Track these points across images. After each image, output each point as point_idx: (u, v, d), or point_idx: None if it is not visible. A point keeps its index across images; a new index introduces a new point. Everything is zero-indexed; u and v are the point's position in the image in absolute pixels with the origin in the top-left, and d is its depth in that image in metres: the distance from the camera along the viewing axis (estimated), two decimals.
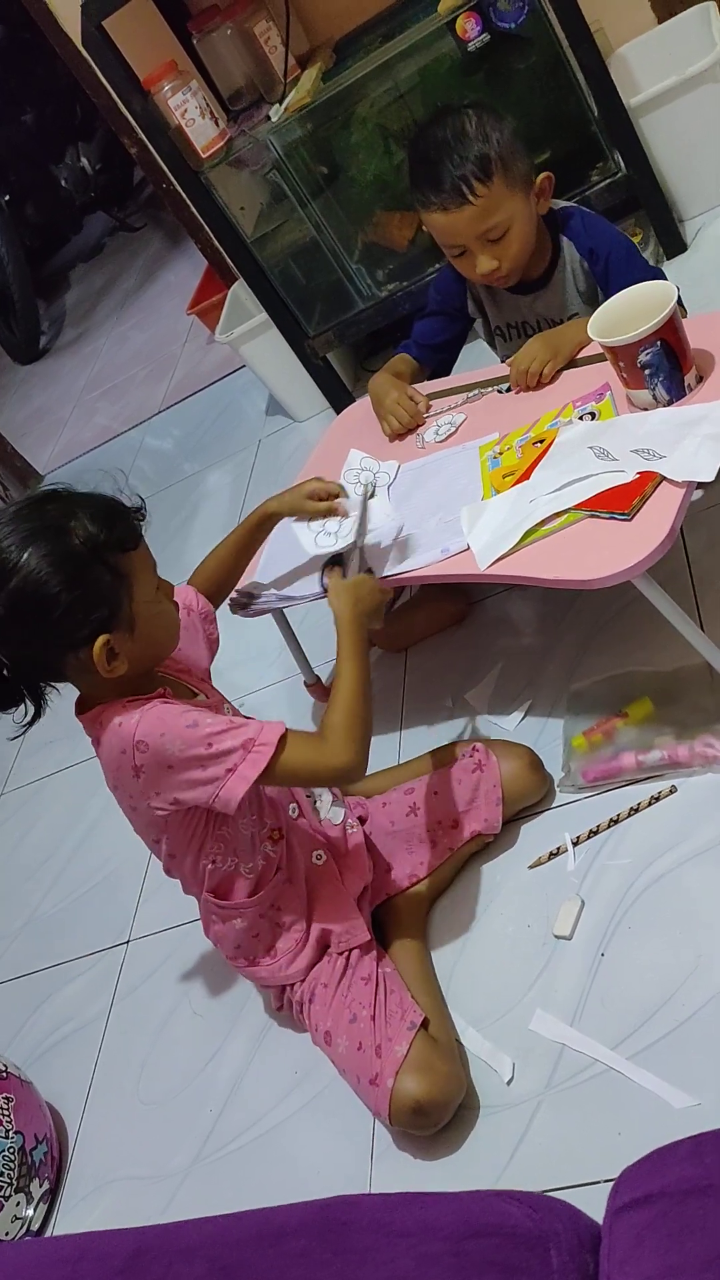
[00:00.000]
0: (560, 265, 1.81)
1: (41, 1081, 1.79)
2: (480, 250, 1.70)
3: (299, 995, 1.51)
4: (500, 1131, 1.34)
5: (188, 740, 1.30)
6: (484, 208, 1.64)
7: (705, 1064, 1.25)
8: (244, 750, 1.31)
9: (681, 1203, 0.65)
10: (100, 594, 1.28)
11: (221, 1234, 0.79)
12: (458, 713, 1.86)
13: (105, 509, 1.31)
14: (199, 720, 1.31)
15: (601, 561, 1.39)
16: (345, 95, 2.40)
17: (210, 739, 1.30)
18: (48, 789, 2.51)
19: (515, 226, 1.68)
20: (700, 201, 2.49)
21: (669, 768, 1.52)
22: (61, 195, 5.38)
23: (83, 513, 1.29)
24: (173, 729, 1.30)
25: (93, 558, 1.27)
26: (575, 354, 1.73)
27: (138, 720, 1.31)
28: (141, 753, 1.31)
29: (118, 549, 1.30)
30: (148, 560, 1.37)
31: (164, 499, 3.23)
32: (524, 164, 1.67)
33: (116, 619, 1.30)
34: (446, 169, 1.63)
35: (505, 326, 1.93)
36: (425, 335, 2.01)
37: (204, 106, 2.44)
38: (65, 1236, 0.89)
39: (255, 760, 1.30)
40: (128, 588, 1.31)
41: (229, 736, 1.31)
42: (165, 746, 1.30)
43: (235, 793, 1.30)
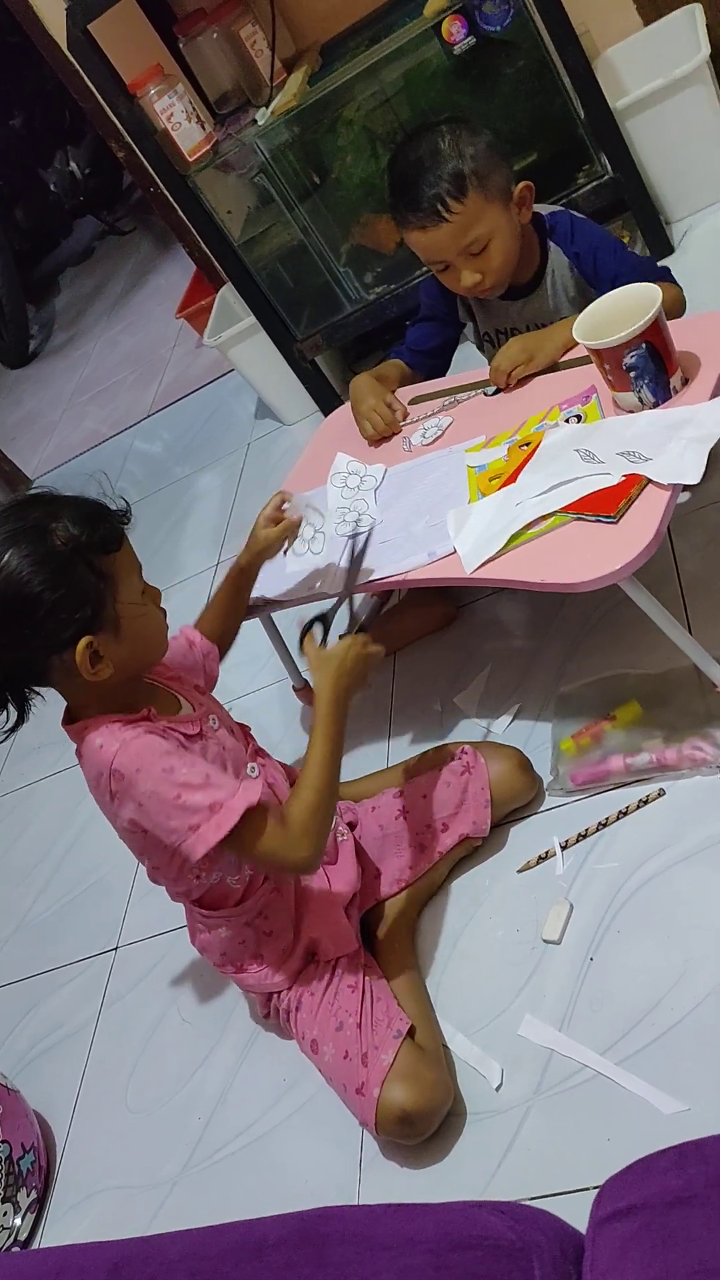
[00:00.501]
0: (547, 271, 1.81)
1: (29, 1090, 1.78)
2: (463, 264, 1.70)
3: (285, 1003, 1.50)
4: (489, 1138, 1.34)
5: (159, 784, 1.29)
6: (461, 223, 1.65)
7: (694, 1069, 1.25)
8: (210, 812, 1.29)
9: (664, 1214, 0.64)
10: (83, 594, 1.27)
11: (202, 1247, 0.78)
12: (446, 716, 1.85)
13: (88, 511, 1.31)
14: (176, 766, 1.29)
15: (588, 564, 1.38)
16: (332, 98, 2.40)
17: (181, 791, 1.29)
18: (37, 794, 2.50)
19: (496, 239, 1.68)
20: (687, 203, 2.49)
21: (657, 771, 1.52)
22: (50, 199, 5.37)
23: (65, 514, 1.28)
24: (149, 769, 1.29)
25: (75, 558, 1.26)
26: (556, 357, 1.73)
27: (117, 749, 1.30)
28: (117, 782, 1.31)
29: (100, 550, 1.29)
30: (132, 562, 1.36)
31: (154, 502, 3.22)
32: (501, 175, 1.67)
33: (100, 620, 1.29)
34: (422, 188, 1.64)
35: (494, 333, 1.93)
36: (417, 341, 2.00)
37: (190, 110, 2.44)
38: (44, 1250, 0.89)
39: (219, 824, 1.29)
40: (111, 588, 1.30)
41: (199, 793, 1.29)
42: (138, 784, 1.29)
43: (194, 851, 1.30)
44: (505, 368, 1.74)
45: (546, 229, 1.80)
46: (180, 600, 2.69)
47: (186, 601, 2.67)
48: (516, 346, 1.74)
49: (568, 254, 1.79)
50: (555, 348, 1.72)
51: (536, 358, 1.72)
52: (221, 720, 1.50)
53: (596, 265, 1.76)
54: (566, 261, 1.80)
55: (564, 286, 1.82)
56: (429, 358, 2.00)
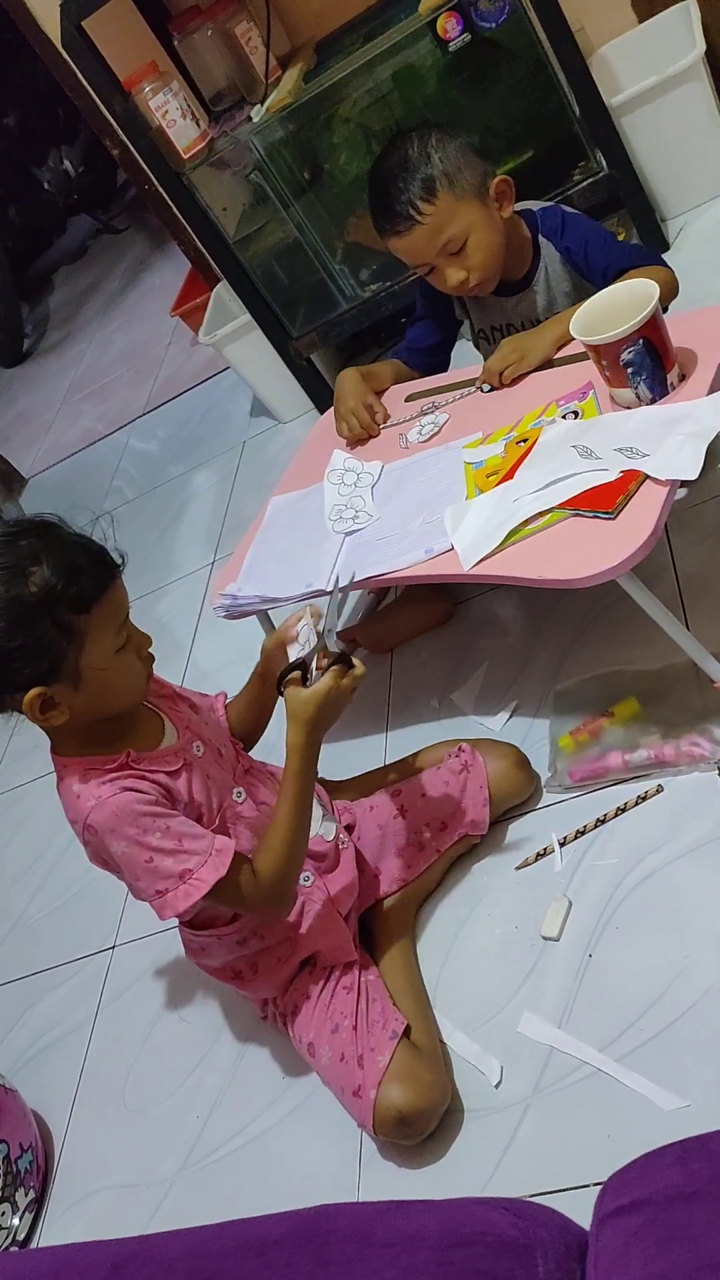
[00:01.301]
0: (540, 266, 1.81)
1: (27, 1089, 1.78)
2: (445, 265, 1.72)
3: (282, 1007, 1.49)
4: (489, 1135, 1.33)
5: (131, 846, 1.28)
6: (434, 224, 1.66)
7: (694, 1065, 1.25)
8: (179, 880, 1.29)
9: (668, 1210, 0.64)
10: (41, 648, 1.21)
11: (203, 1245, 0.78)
12: (443, 713, 1.85)
13: (73, 561, 1.23)
14: (149, 829, 1.28)
15: (586, 560, 1.38)
16: (327, 95, 2.39)
17: (152, 855, 1.28)
18: (32, 794, 2.49)
19: (473, 235, 1.68)
20: (682, 200, 2.49)
21: (656, 767, 1.52)
22: (44, 198, 5.36)
23: (50, 559, 1.21)
24: (122, 830, 1.27)
25: (41, 610, 1.20)
26: (548, 355, 1.73)
27: (92, 807, 1.28)
28: (90, 834, 1.30)
29: (71, 607, 1.22)
30: (112, 617, 1.27)
31: (149, 501, 3.22)
32: (474, 173, 1.68)
33: (58, 674, 1.23)
34: (393, 196, 1.67)
35: (489, 329, 1.93)
36: (415, 340, 2.01)
37: (185, 107, 2.43)
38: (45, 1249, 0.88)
39: (186, 893, 1.29)
40: (76, 646, 1.23)
41: (170, 859, 1.28)
42: (110, 842, 1.28)
43: (161, 913, 1.31)
44: (497, 368, 1.75)
45: (538, 225, 1.80)
46: (174, 600, 2.69)
47: (181, 601, 2.66)
48: (509, 346, 1.75)
49: (559, 249, 1.80)
50: (546, 346, 1.73)
51: (528, 356, 1.73)
52: (208, 744, 1.45)
53: (588, 258, 1.76)
54: (559, 256, 1.80)
55: (557, 281, 1.82)
56: (427, 355, 2.00)
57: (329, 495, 1.83)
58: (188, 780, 1.38)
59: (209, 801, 1.40)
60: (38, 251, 5.90)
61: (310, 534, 1.80)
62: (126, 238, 5.34)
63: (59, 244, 5.87)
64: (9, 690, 1.24)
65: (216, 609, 1.85)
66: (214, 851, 1.30)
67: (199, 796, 1.38)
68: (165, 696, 1.48)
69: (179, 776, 1.37)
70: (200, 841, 1.31)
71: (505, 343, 1.77)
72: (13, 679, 1.23)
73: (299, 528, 1.85)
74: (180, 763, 1.38)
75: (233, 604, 1.82)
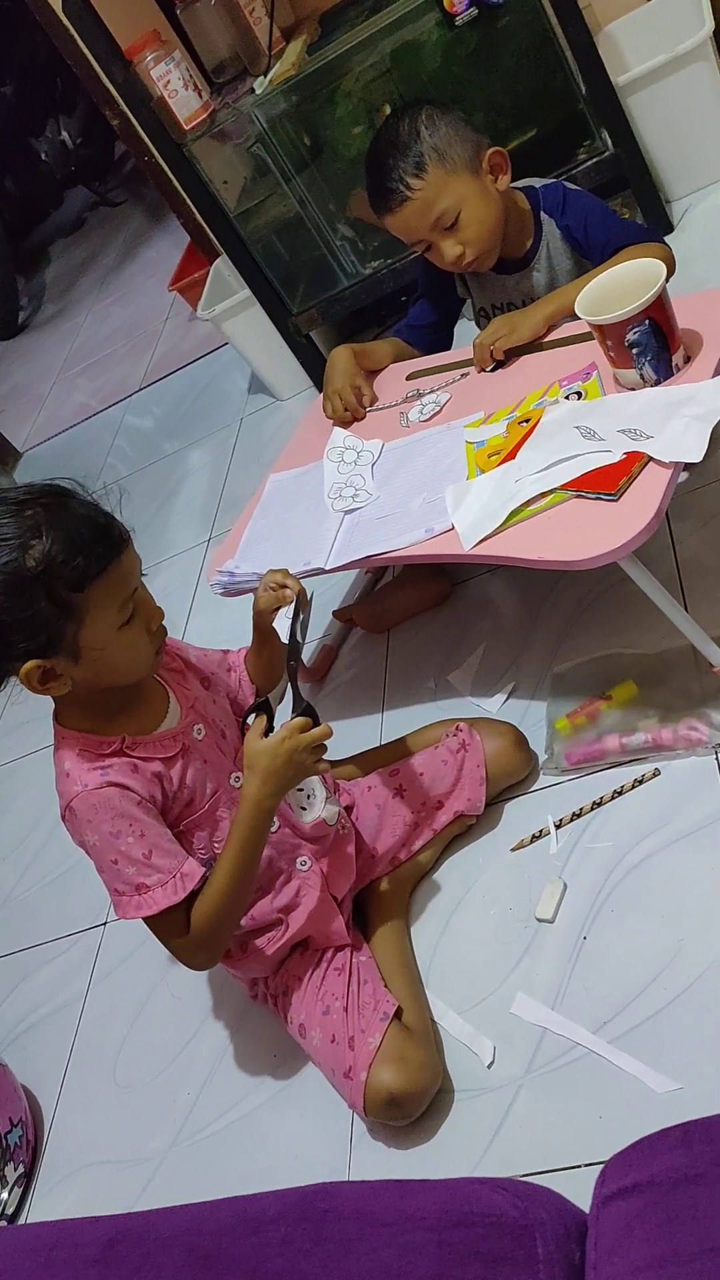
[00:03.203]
0: (541, 243, 1.80)
1: (17, 1064, 1.78)
2: (440, 240, 1.72)
3: (273, 988, 1.49)
4: (481, 1115, 1.33)
5: (103, 843, 1.29)
6: (425, 199, 1.67)
7: (687, 1048, 1.25)
8: (135, 892, 1.30)
9: (670, 1192, 0.64)
10: (38, 624, 1.19)
11: (200, 1222, 0.77)
12: (440, 694, 1.84)
13: (78, 534, 1.20)
14: (123, 833, 1.28)
15: (588, 542, 1.37)
16: (330, 68, 2.36)
17: (118, 858, 1.29)
18: (24, 769, 2.48)
19: (466, 209, 1.68)
20: (688, 181, 2.47)
21: (653, 751, 1.51)
22: (41, 169, 5.32)
23: (53, 533, 1.18)
24: (98, 825, 1.28)
25: (38, 585, 1.18)
26: (538, 330, 1.73)
27: (78, 792, 1.28)
28: (70, 818, 1.31)
29: (69, 584, 1.19)
30: (116, 593, 1.24)
31: (144, 478, 3.20)
32: (465, 147, 1.67)
33: (55, 648, 1.22)
34: (385, 174, 1.68)
35: (490, 308, 1.92)
36: (416, 317, 2.00)
37: (187, 78, 2.40)
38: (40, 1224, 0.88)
39: (137, 905, 1.30)
40: (75, 622, 1.21)
41: (132, 868, 1.29)
42: (85, 833, 1.30)
43: (114, 909, 1.33)
44: (487, 341, 1.75)
45: (539, 202, 1.79)
46: (169, 577, 2.68)
47: (176, 578, 2.65)
48: (499, 321, 1.76)
49: (560, 226, 1.79)
50: (537, 322, 1.73)
51: (518, 330, 1.73)
52: (211, 726, 1.43)
53: (587, 234, 1.76)
54: (559, 233, 1.80)
55: (559, 259, 1.81)
56: (429, 333, 1.99)
57: (329, 473, 1.82)
58: (183, 767, 1.37)
59: (202, 787, 1.39)
60: (34, 223, 5.85)
61: (309, 511, 1.79)
62: (124, 211, 5.30)
63: (56, 216, 5.82)
64: (7, 660, 1.23)
65: (213, 586, 1.84)
66: (179, 875, 1.31)
67: (192, 783, 1.37)
68: (176, 671, 1.46)
69: (174, 763, 1.36)
70: (169, 860, 1.31)
71: (496, 320, 1.77)
72: (9, 650, 1.22)
73: (298, 505, 1.83)
74: (177, 748, 1.37)
75: (229, 581, 1.80)
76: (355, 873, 1.54)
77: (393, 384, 1.93)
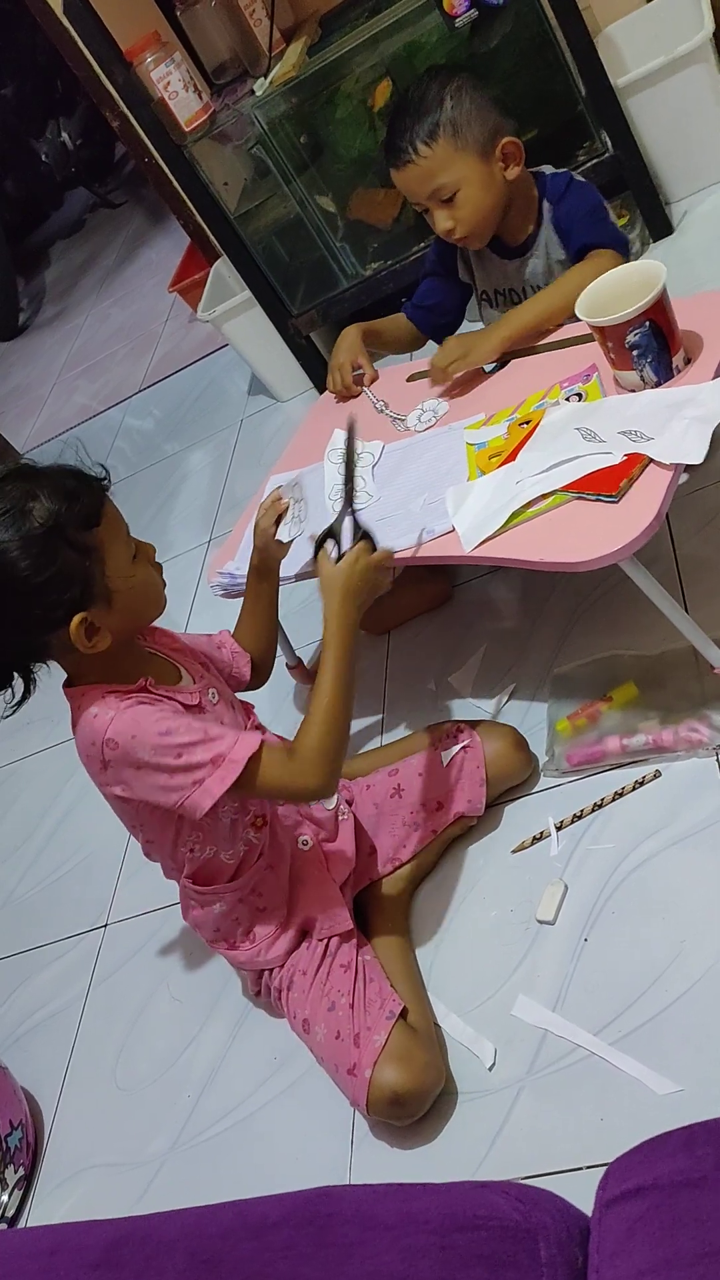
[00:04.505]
0: (541, 231, 1.81)
1: (17, 1066, 1.78)
2: (435, 209, 1.75)
3: (277, 981, 1.49)
4: (482, 1118, 1.33)
5: (158, 747, 1.28)
6: (427, 168, 1.69)
7: (688, 1050, 1.25)
8: (213, 765, 1.29)
9: (673, 1195, 0.64)
10: (69, 573, 1.24)
11: (201, 1226, 0.77)
12: (441, 695, 1.84)
13: (64, 485, 1.26)
14: (173, 729, 1.28)
15: (589, 544, 1.37)
16: (330, 70, 2.37)
17: (181, 750, 1.28)
18: (25, 770, 2.48)
19: (464, 189, 1.70)
20: (687, 183, 2.47)
21: (653, 752, 1.51)
22: (41, 170, 5.32)
23: (43, 492, 1.24)
24: (145, 733, 1.28)
25: (57, 537, 1.23)
26: (494, 354, 1.75)
27: (112, 718, 1.28)
28: (111, 749, 1.29)
29: (81, 525, 1.25)
30: (117, 529, 1.32)
31: (144, 479, 3.20)
32: (484, 129, 1.68)
33: (91, 595, 1.27)
34: (400, 130, 1.70)
35: (492, 293, 1.92)
36: (421, 295, 2.02)
37: (187, 79, 2.40)
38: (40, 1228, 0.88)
39: (223, 776, 1.28)
40: (98, 562, 1.27)
41: (200, 749, 1.28)
42: (135, 749, 1.28)
43: (200, 805, 1.29)
44: (441, 364, 1.78)
45: (545, 189, 1.79)
46: (169, 578, 2.64)
47: (176, 579, 2.63)
48: (453, 342, 1.80)
49: (555, 215, 1.80)
50: (492, 345, 1.75)
51: (471, 354, 1.77)
52: (222, 694, 1.48)
53: (570, 228, 1.78)
54: (553, 223, 1.80)
55: (554, 248, 1.82)
56: (430, 314, 2.00)
57: (329, 474, 1.82)
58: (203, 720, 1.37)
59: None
60: (34, 224, 5.85)
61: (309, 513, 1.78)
62: (124, 212, 5.30)
63: (56, 217, 5.82)
64: (51, 627, 1.26)
65: (213, 587, 1.84)
66: (243, 737, 1.31)
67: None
68: (178, 650, 1.49)
69: (195, 714, 1.38)
70: (226, 730, 1.32)
71: (449, 340, 1.81)
72: (52, 613, 1.25)
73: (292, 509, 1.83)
74: (197, 701, 1.40)
75: (230, 582, 1.80)
76: (355, 860, 1.54)
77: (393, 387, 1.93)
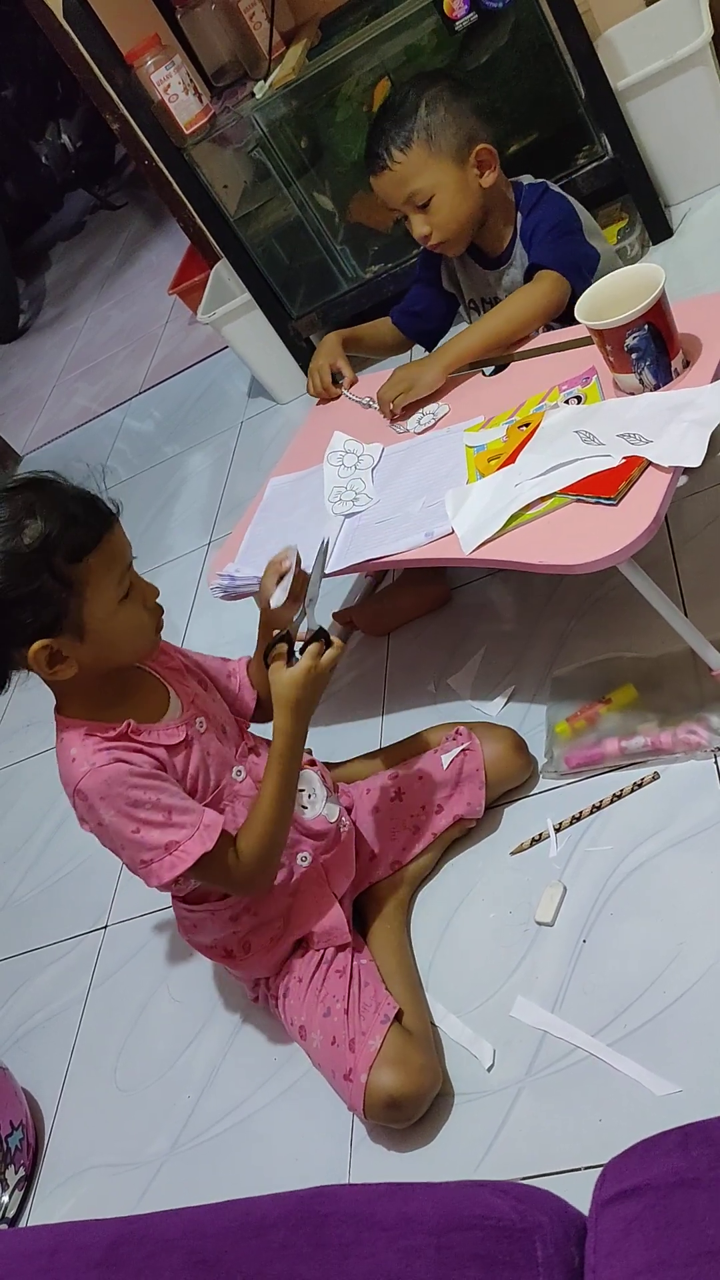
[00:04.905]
0: (515, 241, 1.82)
1: (17, 1067, 1.78)
2: (411, 215, 1.77)
3: (274, 989, 1.49)
4: (481, 1118, 1.34)
5: (120, 815, 1.28)
6: (401, 174, 1.71)
7: (686, 1051, 1.25)
8: (165, 851, 1.29)
9: (669, 1195, 0.64)
10: (42, 599, 1.21)
11: (201, 1225, 0.78)
12: (440, 697, 1.85)
13: (69, 510, 1.23)
14: (141, 801, 1.29)
15: (587, 546, 1.37)
16: (330, 73, 2.37)
17: (140, 826, 1.29)
18: (24, 772, 2.48)
19: (439, 195, 1.72)
20: (687, 186, 2.47)
21: (652, 754, 1.52)
22: (41, 172, 5.32)
23: (43, 510, 1.21)
24: (114, 797, 1.28)
25: (41, 560, 1.20)
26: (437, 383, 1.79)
27: (85, 772, 1.28)
28: (81, 800, 1.30)
29: (69, 556, 1.21)
30: (111, 567, 1.26)
31: (144, 481, 3.20)
32: (459, 135, 1.70)
33: (61, 626, 1.24)
34: (377, 137, 1.72)
35: (479, 301, 1.93)
36: (409, 301, 2.03)
37: (187, 82, 2.41)
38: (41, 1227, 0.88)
39: (172, 864, 1.30)
40: (77, 596, 1.23)
41: (157, 832, 1.29)
42: (99, 810, 1.29)
43: (147, 881, 1.32)
44: (387, 397, 1.81)
45: (521, 199, 1.81)
46: (168, 580, 2.68)
47: (176, 581, 2.65)
48: (399, 375, 1.82)
49: (524, 226, 1.81)
50: (435, 375, 1.78)
51: (415, 386, 1.79)
52: (211, 721, 1.45)
53: (530, 248, 1.79)
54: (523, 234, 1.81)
55: (523, 258, 1.82)
56: (417, 320, 2.02)
57: (329, 477, 1.82)
58: (186, 756, 1.38)
59: (205, 777, 1.40)
60: (34, 226, 5.86)
61: (309, 515, 1.79)
62: (124, 214, 5.31)
63: (56, 219, 5.83)
64: (16, 644, 1.24)
65: (214, 589, 1.84)
66: (202, 826, 1.31)
67: (195, 772, 1.38)
68: (174, 669, 1.47)
69: (178, 751, 1.37)
70: (189, 815, 1.31)
71: (396, 371, 1.84)
72: (19, 632, 1.23)
73: (298, 509, 1.84)
74: (182, 735, 1.38)
75: (230, 584, 1.81)
76: (355, 871, 1.54)
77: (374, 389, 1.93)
